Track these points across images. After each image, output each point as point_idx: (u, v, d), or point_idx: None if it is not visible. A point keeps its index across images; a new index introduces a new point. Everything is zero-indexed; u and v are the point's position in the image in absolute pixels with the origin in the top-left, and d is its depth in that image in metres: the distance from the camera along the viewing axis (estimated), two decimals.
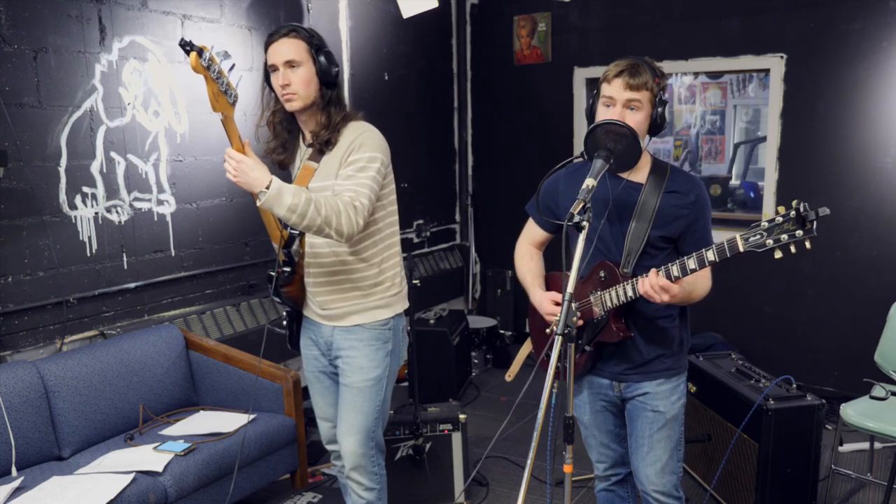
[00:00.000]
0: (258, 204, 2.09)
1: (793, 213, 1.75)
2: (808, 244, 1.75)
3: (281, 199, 2.06)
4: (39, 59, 3.01)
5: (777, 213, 1.77)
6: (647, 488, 2.20)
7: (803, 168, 4.38)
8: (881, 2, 4.04)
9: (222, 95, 2.00)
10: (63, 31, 3.08)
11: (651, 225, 2.07)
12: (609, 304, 2.07)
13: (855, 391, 3.39)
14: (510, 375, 2.44)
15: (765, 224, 1.78)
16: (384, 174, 2.32)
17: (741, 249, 1.81)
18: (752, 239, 1.80)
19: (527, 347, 2.64)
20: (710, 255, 1.87)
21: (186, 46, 1.90)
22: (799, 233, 1.74)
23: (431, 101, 5.42)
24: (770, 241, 1.77)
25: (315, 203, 2.10)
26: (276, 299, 2.44)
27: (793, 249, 1.76)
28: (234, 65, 2.06)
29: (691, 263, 1.90)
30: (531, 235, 2.39)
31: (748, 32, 4.45)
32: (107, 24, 3.23)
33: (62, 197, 3.12)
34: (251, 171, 2.05)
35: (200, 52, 1.90)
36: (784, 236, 1.75)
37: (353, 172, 2.24)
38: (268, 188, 2.04)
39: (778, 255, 1.78)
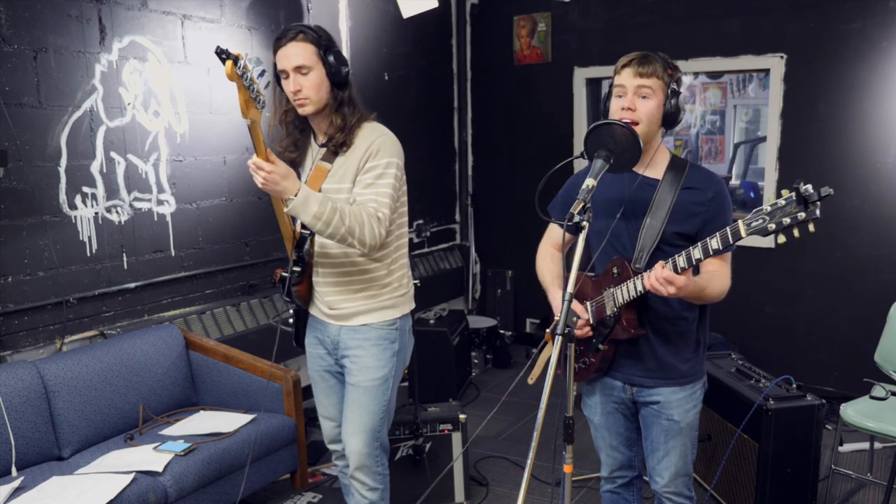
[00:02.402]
0: (284, 209, 2.13)
1: (794, 194, 1.68)
2: (811, 227, 1.66)
3: (307, 207, 2.09)
4: (39, 59, 3.01)
5: (781, 195, 1.71)
6: (661, 490, 2.22)
7: (803, 168, 4.37)
8: (881, 2, 4.04)
9: (252, 102, 2.01)
10: (63, 31, 3.08)
11: (666, 221, 2.05)
12: (620, 299, 2.05)
13: (855, 391, 3.39)
14: (532, 379, 2.39)
15: (767, 208, 1.72)
16: (400, 178, 2.34)
17: (743, 235, 1.77)
18: (754, 224, 1.74)
19: (548, 350, 2.62)
20: (714, 244, 1.83)
21: (222, 55, 1.91)
22: (801, 215, 1.66)
23: (431, 101, 5.43)
24: (772, 225, 1.70)
25: (340, 212, 2.13)
26: (287, 299, 2.45)
27: (796, 234, 1.69)
28: (264, 70, 2.07)
29: (696, 253, 1.87)
30: (552, 236, 2.39)
31: (748, 32, 4.45)
32: (107, 24, 3.23)
33: (62, 197, 3.12)
34: (282, 181, 2.08)
35: (236, 60, 1.92)
36: (786, 219, 1.68)
37: (373, 180, 2.25)
38: (295, 195, 2.08)
39: (781, 239, 1.71)
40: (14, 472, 2.66)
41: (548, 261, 2.37)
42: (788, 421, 2.88)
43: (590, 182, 1.86)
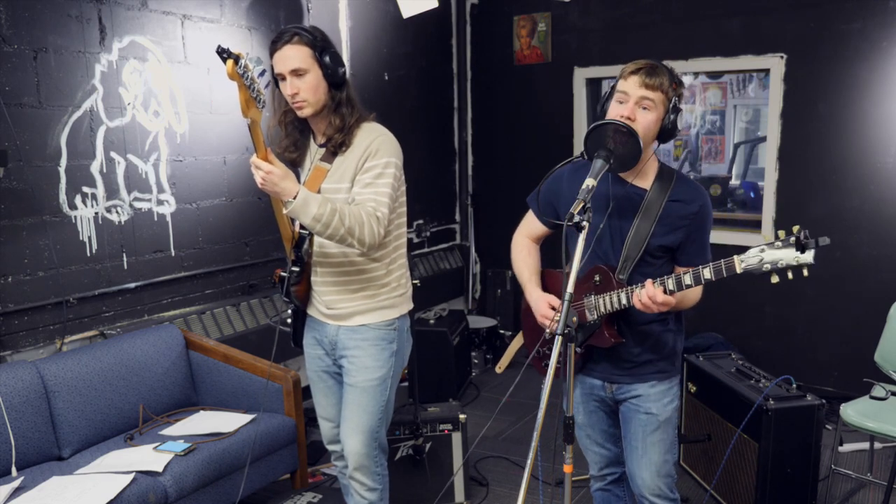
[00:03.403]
0: (284, 211, 2.14)
1: (792, 239, 1.75)
2: (805, 272, 1.75)
3: (307, 209, 2.10)
4: (39, 59, 3.01)
5: (777, 236, 1.77)
6: (643, 491, 2.20)
7: (803, 168, 4.38)
8: (881, 2, 4.04)
9: (252, 101, 2.02)
10: (63, 31, 3.08)
11: (651, 233, 2.06)
12: (602, 309, 2.06)
13: (855, 391, 3.39)
14: (500, 368, 2.43)
15: (764, 248, 1.79)
16: (399, 178, 2.34)
17: (738, 271, 1.83)
18: (750, 262, 1.81)
19: (518, 341, 2.64)
20: (707, 274, 1.88)
21: (223, 54, 1.93)
22: (796, 260, 1.74)
23: (431, 101, 5.43)
24: (767, 266, 1.78)
25: (340, 214, 2.13)
26: (286, 299, 2.45)
27: (790, 276, 1.77)
28: (264, 70, 2.09)
29: (687, 279, 1.90)
30: (529, 229, 2.37)
31: (748, 32, 4.45)
32: (107, 24, 3.23)
33: (62, 197, 3.12)
34: (281, 182, 2.09)
35: (237, 59, 1.93)
36: (781, 262, 1.76)
37: (372, 180, 2.25)
38: (294, 198, 2.08)
39: (774, 279, 1.79)
40: (14, 472, 2.66)
41: (525, 254, 2.36)
42: (788, 421, 2.87)
43: (590, 182, 1.87)
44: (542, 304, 2.20)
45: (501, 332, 5.45)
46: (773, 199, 4.49)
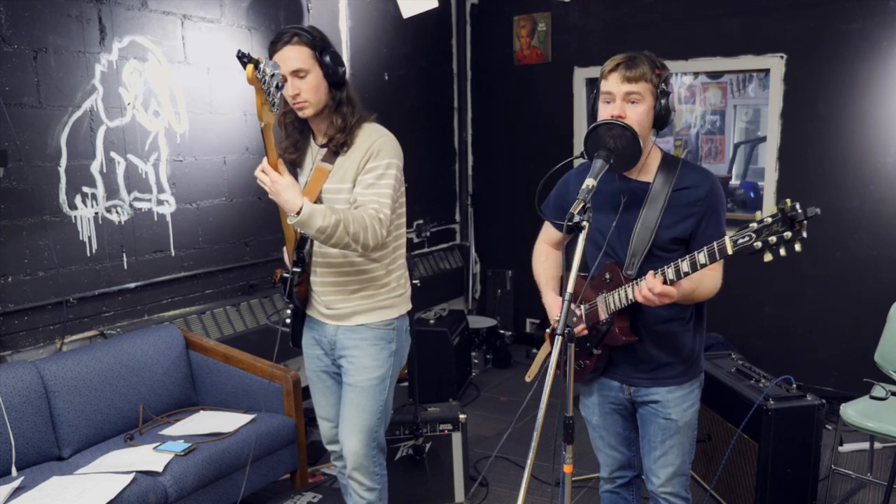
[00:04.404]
0: (289, 222, 2.15)
1: (780, 213, 1.66)
2: (797, 247, 1.65)
3: (312, 222, 2.11)
4: (39, 59, 3.00)
5: (768, 213, 1.69)
6: (658, 489, 2.20)
7: (803, 168, 4.38)
8: (881, 2, 4.04)
9: (268, 105, 2.02)
10: (63, 31, 3.08)
11: (658, 225, 2.02)
12: (612, 306, 2.04)
13: (855, 391, 3.39)
14: (530, 376, 2.39)
15: (754, 225, 1.70)
16: (399, 179, 2.35)
17: (730, 252, 1.75)
18: (740, 241, 1.72)
19: (545, 349, 2.62)
20: (702, 258, 1.81)
21: (244, 59, 1.93)
22: (787, 234, 1.65)
23: (431, 101, 5.42)
24: (759, 244, 1.69)
25: (344, 223, 2.14)
26: (288, 300, 2.45)
27: (782, 252, 1.67)
28: (275, 72, 2.10)
29: (685, 266, 1.85)
30: (547, 234, 2.38)
31: (748, 32, 4.45)
32: (107, 24, 3.23)
33: (62, 197, 3.12)
34: (284, 192, 2.10)
35: (257, 64, 1.94)
36: (772, 238, 1.67)
37: (374, 180, 2.26)
38: (298, 213, 2.09)
39: (768, 257, 1.69)
40: (14, 472, 2.66)
41: (542, 259, 2.36)
42: (788, 421, 2.87)
43: (590, 182, 1.86)
44: (556, 307, 2.20)
45: (501, 332, 5.46)
46: (773, 199, 4.49)
